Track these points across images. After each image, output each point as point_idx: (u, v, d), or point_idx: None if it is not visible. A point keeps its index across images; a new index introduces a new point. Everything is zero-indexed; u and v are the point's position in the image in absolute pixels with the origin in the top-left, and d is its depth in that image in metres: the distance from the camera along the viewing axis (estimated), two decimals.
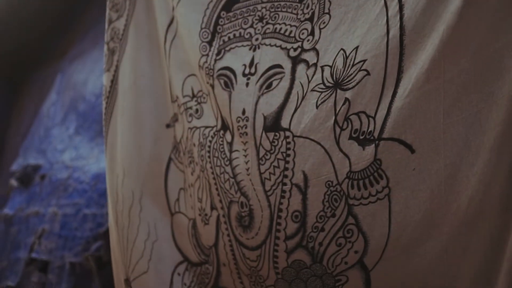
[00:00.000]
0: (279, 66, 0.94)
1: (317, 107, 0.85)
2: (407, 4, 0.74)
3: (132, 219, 1.26)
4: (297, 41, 0.92)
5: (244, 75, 0.99)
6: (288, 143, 0.89)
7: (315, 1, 0.91)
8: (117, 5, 1.36)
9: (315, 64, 0.87)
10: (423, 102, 0.69)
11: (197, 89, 1.13)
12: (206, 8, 1.12)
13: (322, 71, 0.86)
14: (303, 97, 0.88)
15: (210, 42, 1.09)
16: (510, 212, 0.62)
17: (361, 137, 0.78)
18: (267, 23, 0.99)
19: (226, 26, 1.07)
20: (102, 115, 1.44)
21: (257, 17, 1.01)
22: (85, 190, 2.09)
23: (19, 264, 2.34)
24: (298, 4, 0.94)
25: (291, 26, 0.94)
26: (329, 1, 0.88)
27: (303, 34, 0.92)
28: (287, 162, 0.89)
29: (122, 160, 1.31)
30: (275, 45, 0.96)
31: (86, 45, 2.92)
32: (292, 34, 0.93)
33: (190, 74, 1.15)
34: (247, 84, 0.98)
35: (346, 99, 0.80)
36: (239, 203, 0.98)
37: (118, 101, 1.35)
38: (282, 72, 0.93)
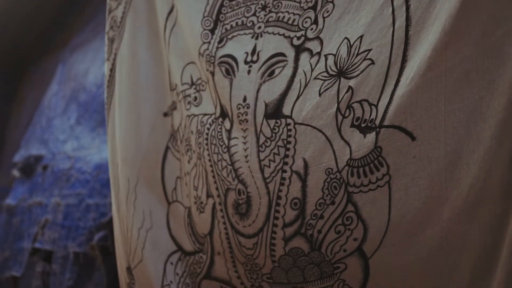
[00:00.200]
0: (282, 55, 0.94)
1: (320, 95, 0.85)
2: None
3: (129, 208, 1.27)
4: (301, 30, 0.92)
5: (246, 62, 0.99)
6: (289, 130, 0.89)
7: None
8: None
9: (318, 53, 0.88)
10: (424, 89, 0.70)
11: (196, 77, 1.13)
12: None
13: (326, 59, 0.86)
14: (305, 85, 0.88)
15: (212, 30, 1.08)
16: (510, 199, 0.62)
17: (363, 125, 0.78)
18: (270, 11, 0.98)
19: (228, 14, 1.07)
20: (104, 104, 1.45)
21: (260, 6, 1.01)
22: (88, 180, 2.10)
23: (23, 254, 2.36)
24: None
25: (294, 14, 0.94)
26: None
27: (306, 22, 0.92)
28: (287, 149, 0.88)
29: (120, 149, 1.32)
30: (278, 33, 0.96)
31: (87, 35, 2.91)
32: (295, 23, 0.93)
33: (190, 62, 1.15)
34: (248, 72, 0.98)
35: (350, 87, 0.80)
36: (236, 191, 0.98)
37: (116, 90, 1.36)
38: (285, 60, 0.93)
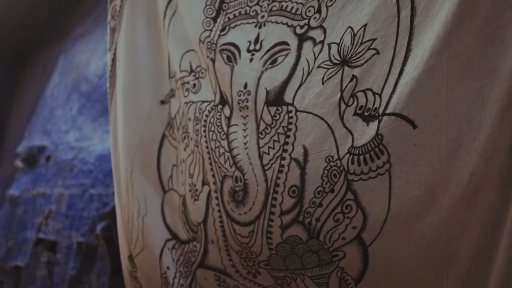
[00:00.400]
0: (285, 43, 0.93)
1: (323, 83, 0.85)
2: None
3: (129, 197, 1.28)
4: (304, 19, 0.92)
5: (248, 51, 0.99)
6: (290, 117, 0.88)
7: None
8: None
9: (322, 42, 0.87)
10: (426, 77, 0.70)
11: (196, 65, 1.13)
12: None
13: (329, 48, 0.86)
14: (308, 73, 0.88)
15: (214, 19, 1.08)
16: (511, 186, 0.62)
17: (366, 114, 0.78)
18: (273, 0, 0.98)
19: (232, 3, 1.06)
20: (106, 94, 1.45)
21: None
22: (91, 171, 2.11)
23: (27, 244, 2.38)
24: None
25: (297, 3, 0.94)
26: None
27: (309, 11, 0.91)
28: (287, 136, 0.88)
29: (120, 138, 1.32)
30: (281, 22, 0.95)
31: (88, 26, 2.90)
32: (299, 12, 0.93)
33: (189, 50, 1.14)
34: (251, 60, 0.98)
35: (354, 76, 0.80)
36: (233, 178, 0.97)
37: (117, 79, 1.36)
38: (288, 49, 0.93)
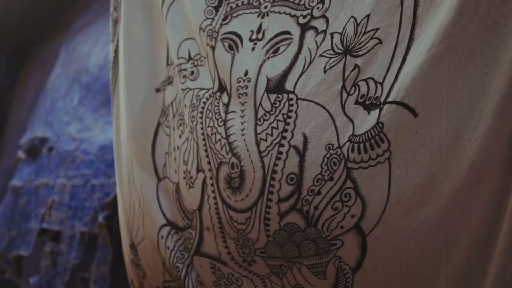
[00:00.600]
0: (288, 33, 0.93)
1: (324, 72, 0.85)
2: None
3: (130, 187, 1.29)
4: (307, 9, 0.92)
5: (250, 40, 0.99)
6: (290, 105, 0.88)
7: None
8: None
9: (324, 31, 0.87)
10: (428, 66, 0.69)
11: (195, 52, 1.12)
12: None
13: (332, 37, 0.86)
14: (310, 62, 0.88)
15: (216, 8, 1.08)
16: (511, 175, 0.62)
17: (367, 102, 0.78)
18: None
19: None
20: (109, 86, 1.45)
21: None
22: (92, 161, 2.12)
23: (31, 234, 2.40)
24: None
25: None
26: None
27: (312, 1, 0.91)
28: (287, 123, 0.88)
29: (122, 129, 1.33)
30: (284, 12, 0.95)
31: (89, 18, 2.90)
32: (302, 2, 0.93)
33: (188, 38, 1.14)
34: (253, 49, 0.98)
35: (356, 65, 0.80)
36: (229, 164, 0.96)
37: (119, 71, 1.36)
38: (290, 38, 0.92)
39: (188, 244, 1.11)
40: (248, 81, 0.95)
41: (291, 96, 0.89)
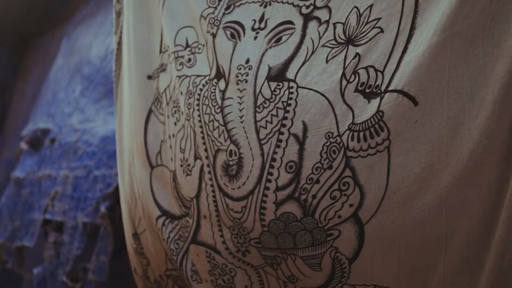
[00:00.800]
0: (290, 23, 0.93)
1: (327, 61, 0.84)
2: None
3: (132, 178, 1.29)
4: None
5: (253, 29, 0.98)
6: (291, 93, 0.88)
7: None
8: None
9: (327, 21, 0.87)
10: (430, 54, 0.69)
11: (193, 40, 1.12)
12: None
13: (334, 28, 0.85)
14: (312, 52, 0.87)
15: None
16: (510, 164, 0.62)
17: (367, 91, 0.77)
18: None
19: None
20: (111, 77, 1.45)
21: None
22: (94, 152, 2.13)
23: (34, 225, 2.42)
24: None
25: None
26: None
27: None
28: (287, 111, 0.87)
29: (125, 120, 1.33)
30: (287, 2, 0.95)
31: (90, 9, 2.89)
32: None
33: (186, 26, 1.14)
34: (255, 38, 0.97)
35: (357, 54, 0.80)
36: (227, 152, 0.96)
37: (122, 62, 1.36)
38: (292, 28, 0.92)
39: (184, 232, 1.11)
40: (249, 69, 0.95)
41: (291, 84, 0.88)
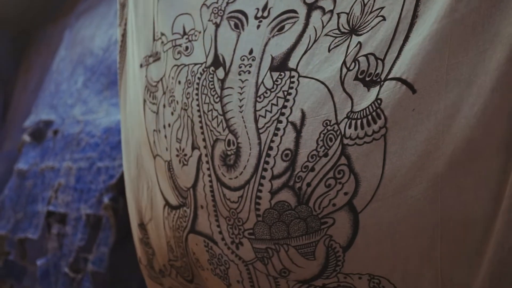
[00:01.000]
0: (294, 11, 0.92)
1: (329, 50, 0.84)
2: None
3: (139, 170, 1.30)
4: None
5: (256, 18, 0.98)
6: (292, 82, 0.87)
7: None
8: None
9: (331, 11, 0.86)
10: (429, 41, 0.68)
11: (190, 27, 1.11)
12: None
13: (338, 17, 0.85)
14: (315, 40, 0.87)
15: None
16: (509, 152, 0.61)
17: (367, 79, 0.77)
18: None
19: None
20: (114, 69, 1.45)
21: None
22: (97, 144, 2.14)
23: (37, 217, 2.43)
24: None
25: None
26: None
27: None
28: (286, 100, 0.87)
29: (130, 112, 1.34)
30: None
31: (93, 1, 2.88)
32: None
33: (184, 13, 1.13)
34: (258, 27, 0.97)
35: (358, 42, 0.79)
36: (225, 141, 0.96)
37: (127, 54, 1.36)
38: (296, 17, 0.92)
39: (182, 222, 1.11)
40: (253, 60, 0.95)
41: (293, 73, 0.88)
